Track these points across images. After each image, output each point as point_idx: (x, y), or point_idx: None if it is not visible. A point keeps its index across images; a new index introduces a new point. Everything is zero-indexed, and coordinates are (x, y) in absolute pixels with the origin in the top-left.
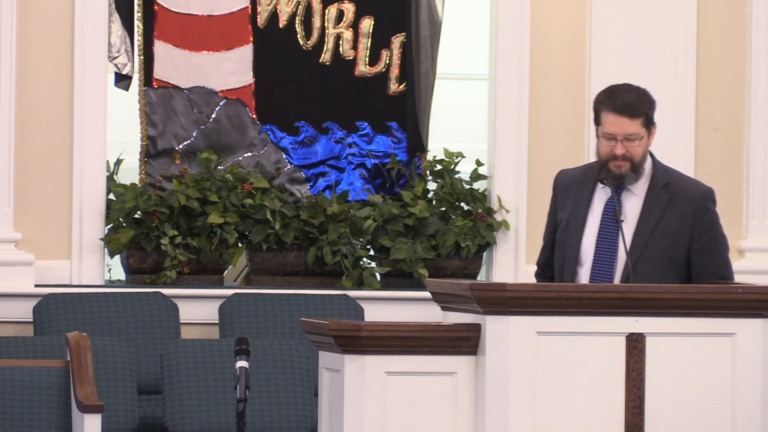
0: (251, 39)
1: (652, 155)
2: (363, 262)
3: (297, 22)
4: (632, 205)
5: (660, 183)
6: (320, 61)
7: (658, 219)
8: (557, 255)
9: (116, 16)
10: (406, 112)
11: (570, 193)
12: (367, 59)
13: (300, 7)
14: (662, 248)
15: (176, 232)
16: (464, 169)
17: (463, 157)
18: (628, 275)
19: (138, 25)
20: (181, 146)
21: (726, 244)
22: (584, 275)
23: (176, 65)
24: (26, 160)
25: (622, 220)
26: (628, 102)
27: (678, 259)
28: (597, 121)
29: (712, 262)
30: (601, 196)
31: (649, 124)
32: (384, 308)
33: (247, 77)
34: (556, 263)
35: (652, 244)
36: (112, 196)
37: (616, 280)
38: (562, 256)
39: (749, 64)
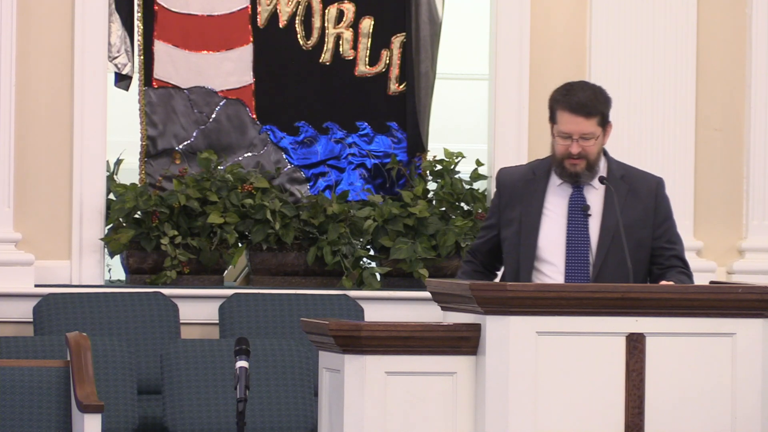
0: (251, 39)
1: (605, 151)
2: (363, 262)
3: (297, 22)
4: (594, 198)
5: (617, 175)
6: (320, 61)
7: (621, 209)
8: (509, 256)
9: (116, 16)
10: (406, 112)
11: (517, 191)
12: (367, 59)
13: (300, 7)
14: (629, 236)
15: (176, 232)
16: (464, 169)
17: (463, 157)
18: (600, 265)
19: (138, 25)
20: (181, 146)
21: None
22: (556, 273)
23: (176, 65)
24: (26, 160)
25: (589, 215)
26: (583, 101)
27: (644, 244)
28: (552, 119)
29: (674, 244)
30: (559, 192)
31: (604, 122)
32: (384, 308)
33: (247, 77)
34: (508, 264)
35: (619, 233)
36: (112, 196)
37: (590, 272)
38: (515, 257)
39: (749, 64)
